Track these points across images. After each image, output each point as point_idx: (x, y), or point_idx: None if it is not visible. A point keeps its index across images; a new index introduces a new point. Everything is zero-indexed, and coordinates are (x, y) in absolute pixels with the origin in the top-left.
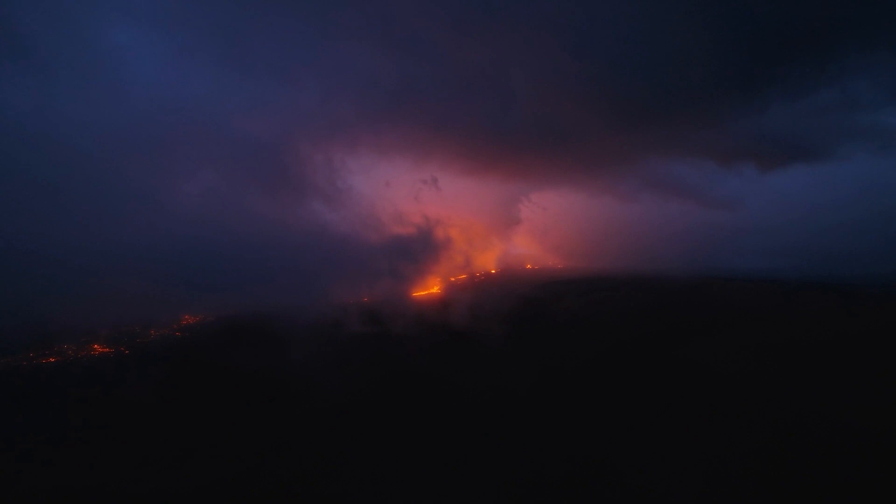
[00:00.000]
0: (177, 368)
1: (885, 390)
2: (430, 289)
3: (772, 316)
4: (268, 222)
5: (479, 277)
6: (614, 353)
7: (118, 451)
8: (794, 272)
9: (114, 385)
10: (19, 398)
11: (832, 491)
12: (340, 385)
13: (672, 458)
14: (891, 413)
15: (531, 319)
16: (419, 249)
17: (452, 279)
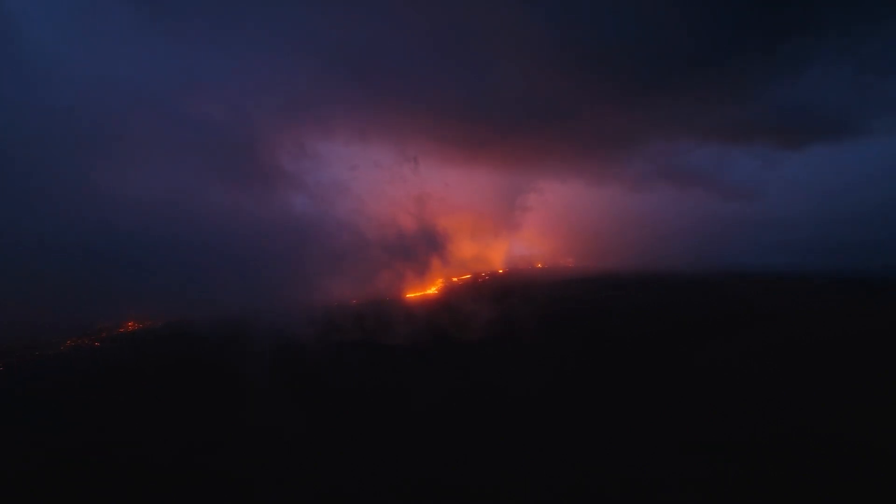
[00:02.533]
0: (56, 394)
1: None
2: (426, 290)
3: (791, 315)
4: (233, 215)
5: (484, 277)
6: (619, 356)
7: None
8: (817, 267)
9: None
10: None
11: None
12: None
13: (676, 465)
14: None
15: (532, 321)
16: (413, 244)
17: (455, 279)
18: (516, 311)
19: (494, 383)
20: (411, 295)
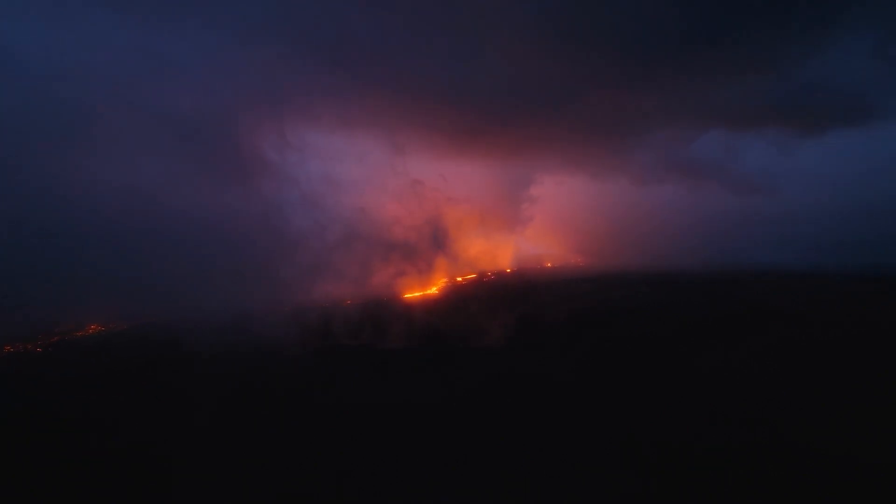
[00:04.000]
0: None
1: None
2: (426, 290)
3: (806, 316)
4: (210, 209)
5: (490, 277)
6: (623, 359)
7: None
8: (835, 264)
9: None
10: None
11: None
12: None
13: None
14: None
15: (534, 324)
16: (411, 239)
17: (460, 279)
18: (518, 313)
19: (486, 391)
20: (410, 295)
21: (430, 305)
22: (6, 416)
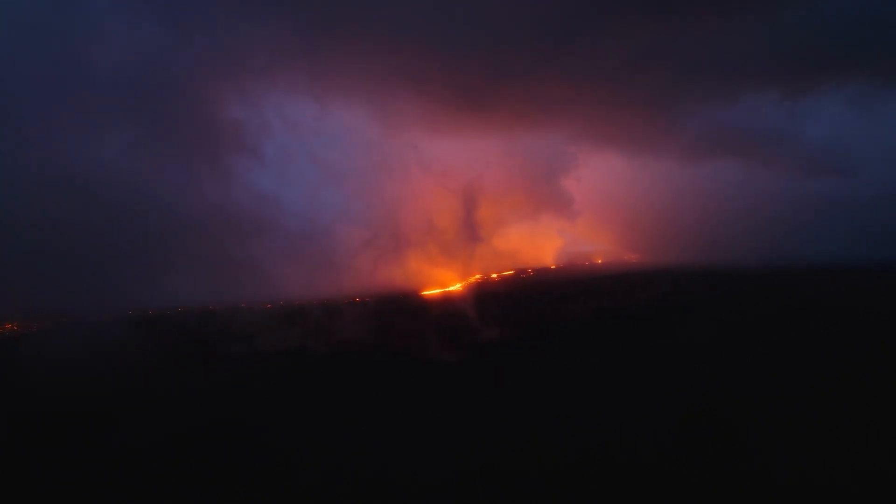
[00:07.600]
0: None
1: None
2: (448, 286)
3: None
4: (168, 190)
5: (529, 273)
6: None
7: None
8: None
9: None
10: None
11: None
12: None
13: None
14: None
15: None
16: (435, 227)
17: (495, 275)
18: (537, 318)
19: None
20: (429, 293)
21: (443, 305)
22: None
